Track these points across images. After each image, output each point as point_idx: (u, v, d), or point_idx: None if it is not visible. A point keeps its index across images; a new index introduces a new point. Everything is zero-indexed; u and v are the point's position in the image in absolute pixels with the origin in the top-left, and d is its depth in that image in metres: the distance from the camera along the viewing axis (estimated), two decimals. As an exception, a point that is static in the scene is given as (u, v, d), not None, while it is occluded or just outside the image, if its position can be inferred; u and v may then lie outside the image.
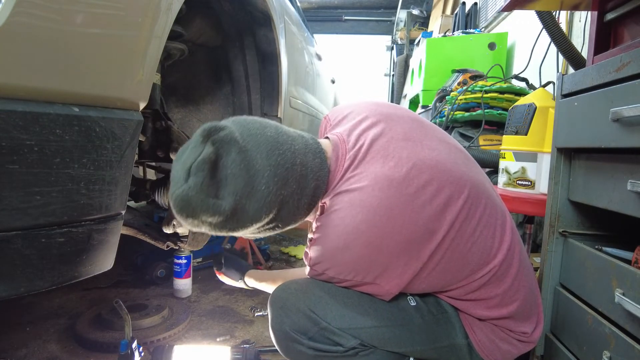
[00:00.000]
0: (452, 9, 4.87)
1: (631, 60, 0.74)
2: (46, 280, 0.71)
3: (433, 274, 0.82)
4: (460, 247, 0.80)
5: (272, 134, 0.79)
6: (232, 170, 0.73)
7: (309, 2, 7.46)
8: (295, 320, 0.85)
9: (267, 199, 0.76)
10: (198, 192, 0.71)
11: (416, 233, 0.78)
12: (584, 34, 1.95)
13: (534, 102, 1.29)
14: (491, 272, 0.83)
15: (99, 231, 0.79)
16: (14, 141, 0.61)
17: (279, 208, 0.80)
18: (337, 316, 0.84)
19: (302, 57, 2.31)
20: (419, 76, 3.45)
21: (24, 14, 0.60)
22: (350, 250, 0.79)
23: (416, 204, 0.78)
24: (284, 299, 0.88)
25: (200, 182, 0.71)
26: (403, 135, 0.86)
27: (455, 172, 0.83)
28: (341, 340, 0.84)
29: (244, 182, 0.74)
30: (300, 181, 0.81)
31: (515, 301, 0.86)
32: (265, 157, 0.76)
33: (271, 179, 0.76)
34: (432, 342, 0.88)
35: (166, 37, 0.89)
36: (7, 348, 1.33)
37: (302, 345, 0.84)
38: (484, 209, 0.84)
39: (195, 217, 0.74)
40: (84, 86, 0.72)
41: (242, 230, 0.81)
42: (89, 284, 1.91)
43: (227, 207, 0.73)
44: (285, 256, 2.46)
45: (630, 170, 0.76)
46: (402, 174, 0.78)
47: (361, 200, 0.78)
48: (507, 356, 0.90)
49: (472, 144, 1.78)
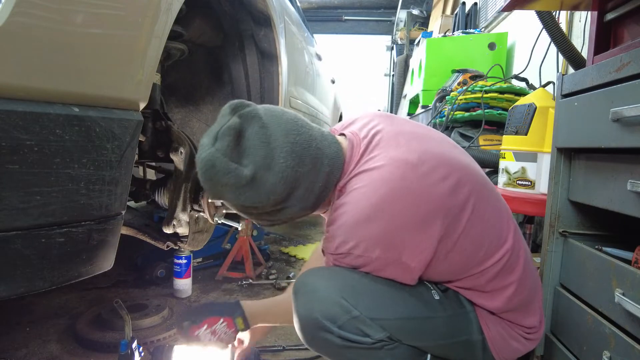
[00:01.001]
0: (452, 9, 4.87)
1: (631, 60, 0.74)
2: (46, 280, 0.71)
3: (451, 255, 0.85)
4: (475, 227, 0.84)
5: (291, 118, 0.85)
6: (253, 142, 0.79)
7: (309, 2, 7.46)
8: (326, 306, 0.83)
9: (284, 173, 0.80)
10: (222, 155, 0.78)
11: (434, 208, 0.81)
12: (584, 34, 1.95)
13: (534, 102, 1.29)
14: (505, 257, 0.86)
15: (99, 231, 0.79)
16: (14, 141, 0.61)
17: (294, 187, 0.83)
18: (369, 306, 0.84)
19: (302, 57, 2.31)
20: (419, 76, 3.45)
21: (24, 14, 0.60)
22: (374, 223, 0.81)
23: (431, 181, 0.82)
24: (313, 284, 0.87)
25: (226, 146, 0.78)
26: (409, 131, 0.91)
27: (461, 162, 0.88)
28: (370, 331, 0.83)
29: (264, 153, 0.79)
30: (316, 163, 0.84)
31: (527, 289, 0.89)
32: (284, 134, 0.81)
33: (289, 154, 0.80)
34: (452, 337, 0.89)
35: (166, 37, 0.89)
36: (8, 348, 1.33)
37: (331, 334, 0.82)
38: (490, 194, 0.89)
39: (217, 180, 0.79)
40: (84, 86, 0.72)
41: (258, 204, 0.82)
42: (89, 284, 1.91)
43: (248, 174, 0.78)
44: (285, 256, 2.46)
45: (630, 170, 0.76)
46: (415, 157, 0.83)
47: (381, 176, 0.82)
48: (514, 354, 0.93)
49: (472, 144, 1.78)
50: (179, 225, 1.34)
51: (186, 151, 1.32)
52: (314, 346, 0.87)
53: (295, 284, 0.90)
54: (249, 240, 2.02)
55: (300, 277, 0.91)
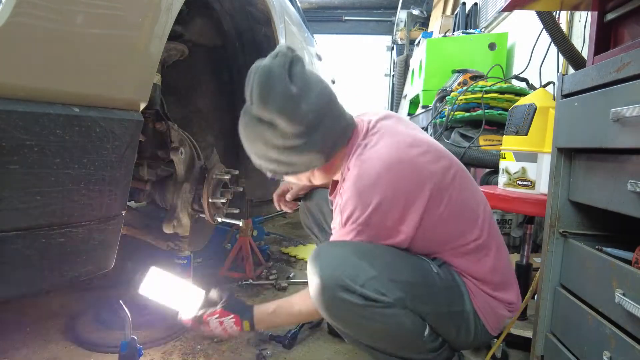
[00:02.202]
0: (452, 9, 4.87)
1: (631, 60, 0.74)
2: (46, 280, 0.71)
3: (437, 226, 0.98)
4: (457, 204, 0.99)
5: (320, 79, 1.00)
6: (298, 73, 0.93)
7: (309, 2, 7.46)
8: (347, 267, 0.91)
9: (316, 105, 0.93)
10: (281, 66, 0.90)
11: (425, 177, 0.95)
12: (584, 34, 1.95)
13: (534, 102, 1.29)
14: (482, 236, 1.01)
15: (99, 231, 0.79)
16: (14, 141, 0.61)
17: (319, 122, 0.94)
18: (384, 268, 0.93)
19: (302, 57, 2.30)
20: (419, 76, 3.45)
21: (24, 14, 0.60)
22: (373, 189, 0.93)
23: (423, 160, 0.97)
24: (332, 250, 0.96)
25: (284, 62, 0.91)
26: (405, 125, 1.08)
27: (445, 152, 1.04)
28: (387, 290, 0.91)
29: (303, 84, 0.93)
30: (337, 113, 1.00)
31: (503, 264, 1.04)
32: (318, 81, 0.97)
33: (320, 92, 0.95)
34: (449, 306, 0.99)
35: (166, 37, 0.90)
36: (8, 348, 1.33)
37: (353, 294, 0.89)
38: (472, 183, 1.06)
39: (270, 85, 0.89)
40: (84, 86, 0.72)
41: (289, 127, 0.91)
42: (89, 284, 1.91)
43: (295, 90, 0.90)
44: (286, 256, 2.46)
45: (631, 170, 0.76)
46: (408, 140, 0.99)
47: (380, 154, 0.96)
48: (500, 320, 1.05)
49: (473, 144, 1.78)
50: (179, 226, 1.34)
51: (186, 151, 1.32)
52: (332, 308, 0.93)
53: (312, 253, 0.98)
54: (249, 241, 2.02)
55: (317, 248, 1.00)
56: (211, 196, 1.34)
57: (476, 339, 1.03)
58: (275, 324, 1.23)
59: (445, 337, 1.01)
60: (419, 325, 0.95)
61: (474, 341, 1.04)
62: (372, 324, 0.92)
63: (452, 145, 1.85)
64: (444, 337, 1.01)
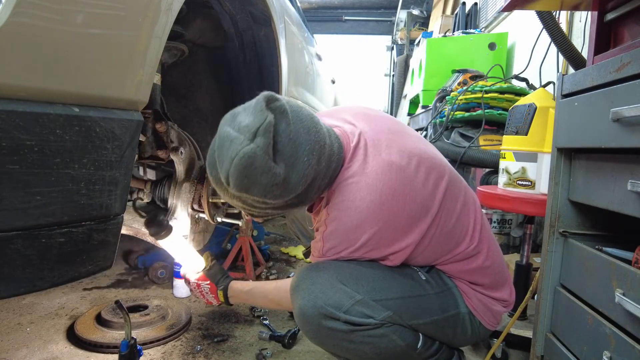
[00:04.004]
0: (452, 9, 4.87)
1: (631, 60, 0.74)
2: (46, 280, 0.71)
3: (428, 249, 0.94)
4: (447, 223, 0.94)
5: (309, 114, 0.86)
6: (283, 139, 0.78)
7: (309, 2, 7.46)
8: (330, 294, 0.87)
9: (306, 172, 0.81)
10: (264, 152, 0.74)
11: (416, 210, 0.88)
12: (584, 34, 1.95)
13: (534, 102, 1.29)
14: (472, 245, 0.97)
15: (99, 231, 0.79)
16: (14, 141, 0.61)
17: (310, 184, 0.84)
18: (369, 289, 0.89)
19: (302, 58, 2.31)
20: (419, 76, 3.45)
21: (24, 15, 0.60)
22: (361, 229, 0.87)
23: (414, 185, 0.89)
24: (314, 276, 0.90)
25: (267, 144, 0.74)
26: (387, 129, 0.97)
27: (436, 159, 0.97)
28: (373, 312, 0.88)
29: (290, 152, 0.78)
30: (327, 161, 0.86)
31: (495, 263, 1.02)
32: (306, 132, 0.81)
33: (310, 153, 0.80)
34: (444, 312, 0.97)
35: (166, 37, 0.89)
36: (8, 348, 1.33)
37: (337, 321, 0.86)
38: (460, 187, 0.99)
39: (253, 178, 0.75)
40: (84, 86, 0.72)
41: (276, 201, 0.82)
42: (89, 284, 1.91)
43: (281, 173, 0.77)
44: (286, 256, 2.46)
45: (631, 170, 0.76)
46: (397, 159, 0.89)
47: (367, 184, 0.86)
48: (496, 315, 1.04)
49: (473, 144, 1.78)
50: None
51: (186, 151, 1.32)
52: (319, 337, 0.90)
53: (293, 281, 0.93)
54: (249, 241, 2.02)
55: (296, 275, 0.94)
56: (211, 196, 1.34)
57: (474, 336, 1.03)
58: (248, 302, 1.31)
59: (442, 340, 1.00)
60: (411, 339, 0.93)
61: (472, 338, 1.04)
62: (362, 347, 0.89)
63: (452, 145, 1.85)
64: (441, 340, 1.00)
